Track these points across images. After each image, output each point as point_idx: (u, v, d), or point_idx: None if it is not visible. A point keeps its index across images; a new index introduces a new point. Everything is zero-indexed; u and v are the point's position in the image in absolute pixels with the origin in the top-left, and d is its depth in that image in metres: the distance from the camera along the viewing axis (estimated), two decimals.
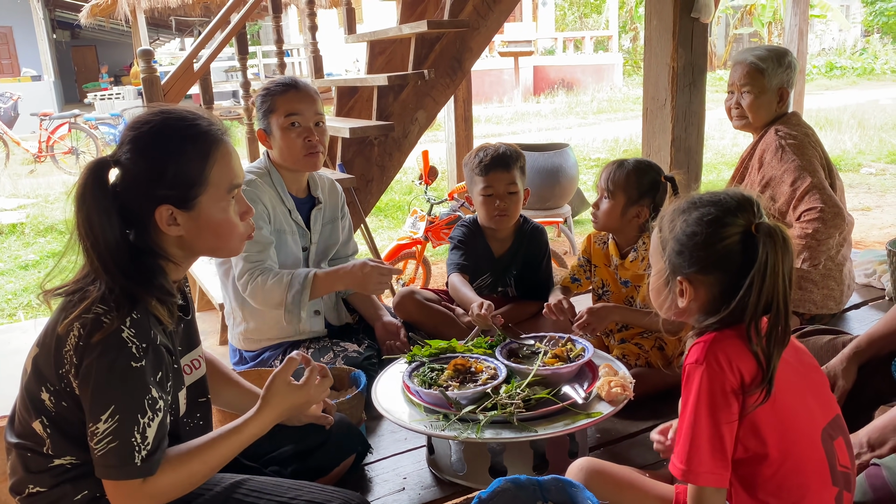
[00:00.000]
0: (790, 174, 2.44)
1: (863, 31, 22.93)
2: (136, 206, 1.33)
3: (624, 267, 2.30)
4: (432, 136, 10.35)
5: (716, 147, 9.45)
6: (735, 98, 2.63)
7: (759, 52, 2.58)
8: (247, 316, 2.35)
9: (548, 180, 5.32)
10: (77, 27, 19.10)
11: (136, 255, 1.33)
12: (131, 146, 1.33)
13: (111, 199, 1.30)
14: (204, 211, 1.36)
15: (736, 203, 1.31)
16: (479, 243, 2.56)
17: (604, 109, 14.70)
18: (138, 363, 1.24)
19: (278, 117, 2.26)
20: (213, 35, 4.38)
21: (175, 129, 1.35)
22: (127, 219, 1.33)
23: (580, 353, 1.88)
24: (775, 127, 2.55)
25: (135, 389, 1.24)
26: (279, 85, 2.30)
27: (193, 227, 1.36)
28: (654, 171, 2.22)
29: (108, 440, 1.23)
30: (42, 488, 1.33)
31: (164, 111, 1.38)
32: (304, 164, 2.30)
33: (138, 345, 1.24)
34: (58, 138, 10.61)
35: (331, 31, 16.26)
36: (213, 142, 1.37)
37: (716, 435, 1.25)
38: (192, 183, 1.34)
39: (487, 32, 3.94)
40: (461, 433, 1.61)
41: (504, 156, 2.42)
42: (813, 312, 2.59)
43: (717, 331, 1.30)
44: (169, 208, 1.33)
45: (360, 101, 4.49)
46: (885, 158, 8.45)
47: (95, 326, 1.23)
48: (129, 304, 1.26)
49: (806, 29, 6.71)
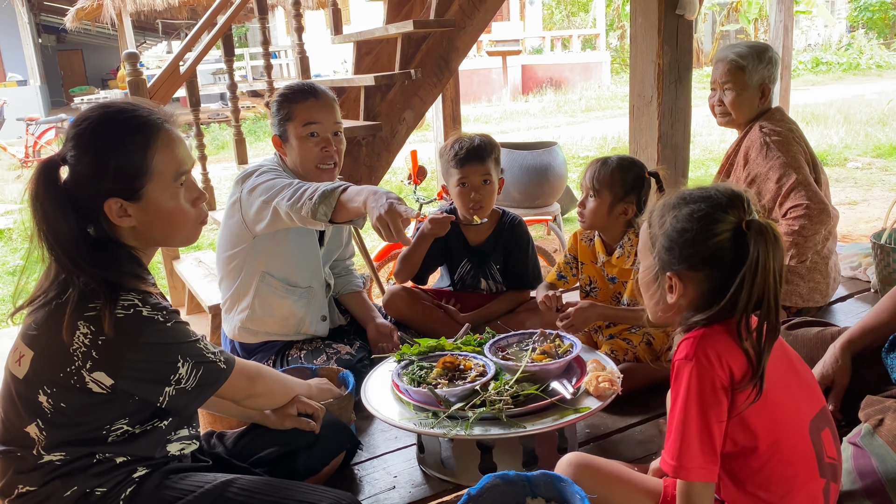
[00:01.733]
0: (775, 171, 2.46)
1: (848, 26, 23.04)
2: (86, 201, 1.35)
3: (611, 263, 2.31)
4: (421, 136, 10.35)
5: (703, 143, 9.49)
6: (717, 95, 2.65)
7: (740, 48, 2.59)
8: (254, 303, 2.30)
9: (537, 179, 5.33)
10: (63, 31, 18.96)
11: (100, 247, 1.36)
12: (74, 143, 1.35)
13: (63, 196, 1.33)
14: (152, 201, 1.38)
15: (727, 199, 1.31)
16: (451, 235, 2.57)
17: (592, 107, 14.73)
18: (169, 322, 1.35)
19: (296, 126, 2.22)
20: (200, 37, 4.37)
21: (113, 122, 1.37)
22: (83, 214, 1.36)
23: (568, 349, 1.88)
24: (759, 123, 2.57)
25: (180, 336, 1.37)
26: (298, 92, 2.25)
27: (145, 217, 1.39)
28: (637, 168, 2.23)
29: (194, 374, 1.38)
30: (32, 487, 1.33)
31: (103, 105, 1.40)
32: (314, 175, 2.25)
33: (161, 312, 1.34)
34: (45, 143, 10.57)
35: (318, 33, 16.24)
36: (153, 131, 1.38)
37: (705, 430, 1.25)
38: (136, 174, 1.35)
39: (474, 31, 3.94)
40: (450, 430, 1.61)
41: (479, 148, 2.44)
42: (800, 306, 2.61)
43: (706, 326, 1.30)
44: (117, 201, 1.35)
45: (347, 102, 4.48)
46: (871, 153, 8.51)
47: (113, 319, 1.28)
48: (126, 290, 1.32)
49: (791, 25, 6.75)
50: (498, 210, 2.61)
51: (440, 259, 2.65)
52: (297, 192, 2.01)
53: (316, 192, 1.97)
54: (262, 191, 2.12)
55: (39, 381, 1.32)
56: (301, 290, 2.33)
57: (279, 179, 2.12)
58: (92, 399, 1.32)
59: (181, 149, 1.42)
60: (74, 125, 1.37)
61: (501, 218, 2.61)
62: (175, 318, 1.38)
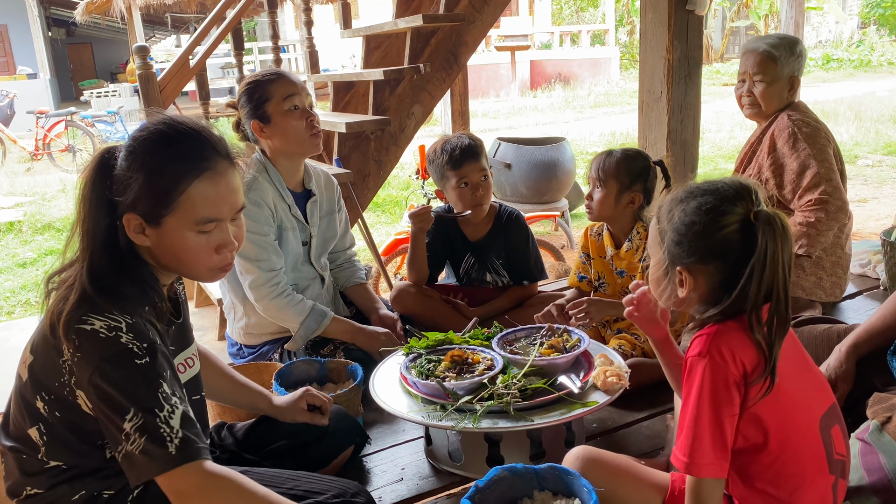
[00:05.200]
0: (800, 161, 2.46)
1: (859, 23, 22.89)
2: (116, 201, 1.30)
3: (619, 257, 2.31)
4: (429, 131, 10.34)
5: (712, 140, 9.45)
6: (747, 86, 2.62)
7: (771, 40, 2.58)
8: (248, 311, 2.35)
9: (545, 174, 5.33)
10: (73, 25, 19.03)
11: (122, 254, 1.32)
12: (127, 145, 1.32)
13: (109, 186, 1.30)
14: (169, 232, 1.31)
15: (734, 191, 1.30)
16: (451, 232, 2.59)
17: (601, 103, 14.68)
18: (142, 360, 1.23)
19: (277, 103, 2.23)
20: (209, 31, 4.38)
21: (165, 140, 1.31)
22: (114, 216, 1.31)
23: (576, 343, 1.89)
24: (787, 112, 2.56)
25: (146, 386, 1.22)
26: (267, 76, 2.28)
27: (159, 244, 1.33)
28: (642, 157, 2.25)
29: (137, 436, 1.20)
30: (39, 490, 1.32)
31: (169, 120, 1.34)
32: (309, 145, 2.28)
33: (139, 345, 1.23)
34: (54, 136, 10.58)
35: (327, 27, 16.24)
36: (197, 163, 1.31)
37: (718, 427, 1.25)
38: (160, 202, 1.29)
39: (483, 26, 3.94)
40: (458, 423, 1.62)
41: (471, 147, 2.46)
42: (822, 300, 2.62)
43: (720, 322, 1.30)
44: (137, 218, 1.30)
45: (356, 96, 4.49)
46: (882, 150, 8.46)
47: (92, 338, 1.21)
48: (120, 310, 1.25)
49: (802, 21, 6.74)
50: (495, 205, 2.62)
51: (443, 256, 2.67)
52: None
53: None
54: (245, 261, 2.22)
55: (38, 388, 1.29)
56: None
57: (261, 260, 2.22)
58: (83, 414, 1.27)
59: (224, 196, 1.34)
60: (138, 129, 1.33)
61: (499, 212, 2.62)
62: (153, 356, 1.25)
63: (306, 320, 2.25)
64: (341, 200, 2.57)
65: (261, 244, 2.22)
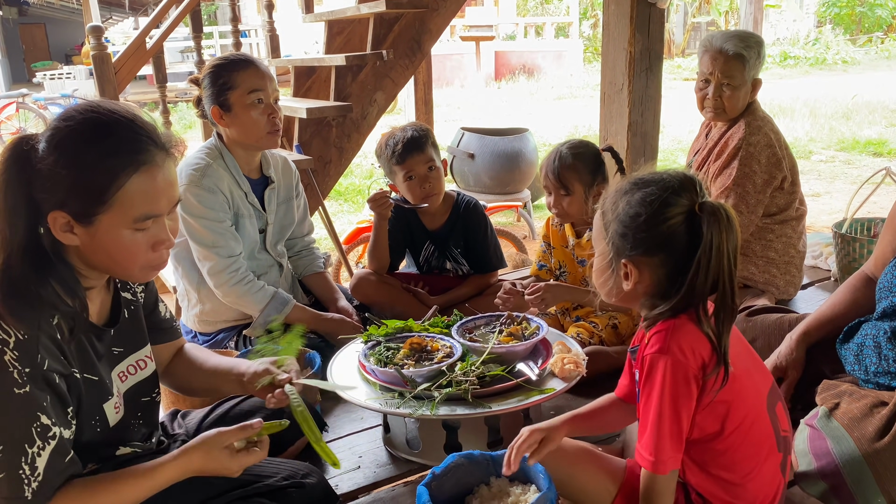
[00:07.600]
0: (726, 178, 2.45)
1: (816, 21, 23.37)
2: (39, 201, 1.19)
3: (580, 246, 2.32)
4: (392, 120, 10.29)
5: (672, 134, 9.58)
6: (712, 88, 2.49)
7: (738, 40, 2.45)
8: (203, 298, 2.31)
9: (508, 165, 5.34)
10: (25, 4, 18.45)
11: (42, 254, 1.21)
12: (49, 135, 1.19)
13: (28, 181, 1.17)
14: (102, 231, 1.20)
15: (678, 182, 1.29)
16: (410, 220, 2.59)
17: (564, 95, 14.75)
18: (21, 389, 1.12)
19: (241, 94, 2.18)
20: (167, 12, 4.27)
21: (95, 130, 1.19)
22: (33, 212, 1.19)
23: (535, 331, 1.90)
24: (745, 120, 2.50)
25: (19, 417, 1.13)
26: (235, 61, 2.21)
27: (89, 243, 1.21)
28: (590, 149, 2.25)
29: None
30: None
31: (96, 107, 1.22)
32: (265, 141, 2.25)
33: (20, 369, 1.13)
34: (4, 118, 10.27)
35: (289, 11, 15.98)
36: (133, 156, 1.20)
37: (676, 423, 1.27)
38: (93, 199, 1.18)
39: (447, 14, 3.92)
40: (416, 410, 1.61)
41: (415, 139, 2.43)
42: (776, 297, 2.63)
43: (673, 318, 1.29)
44: (65, 216, 1.18)
45: (317, 82, 4.44)
46: (835, 146, 8.67)
47: None
48: (17, 320, 1.14)
49: (761, 18, 6.86)
50: (452, 193, 2.61)
51: (404, 245, 2.65)
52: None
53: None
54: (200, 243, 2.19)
55: None
56: None
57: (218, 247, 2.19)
58: None
59: (162, 190, 1.23)
60: (60, 118, 1.21)
61: (457, 201, 2.61)
62: (35, 383, 1.14)
63: (267, 307, 2.22)
64: (300, 186, 2.54)
65: (217, 230, 2.18)
